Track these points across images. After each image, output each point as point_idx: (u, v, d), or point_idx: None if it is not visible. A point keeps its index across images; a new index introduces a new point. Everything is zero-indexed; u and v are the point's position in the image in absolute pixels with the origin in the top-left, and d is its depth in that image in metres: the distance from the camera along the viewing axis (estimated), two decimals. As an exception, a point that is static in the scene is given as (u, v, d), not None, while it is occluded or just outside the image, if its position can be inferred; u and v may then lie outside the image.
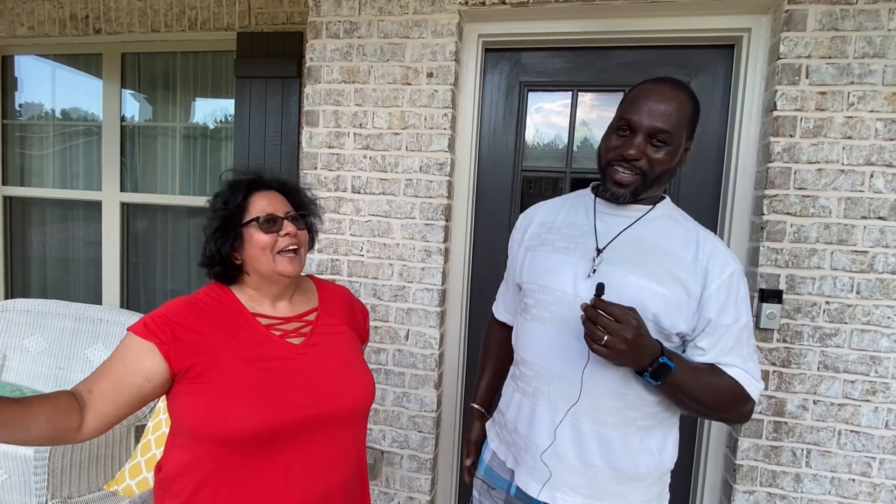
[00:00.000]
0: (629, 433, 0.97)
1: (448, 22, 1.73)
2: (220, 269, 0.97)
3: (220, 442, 0.86)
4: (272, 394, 0.89)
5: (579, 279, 0.99)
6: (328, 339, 1.02)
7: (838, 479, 1.56)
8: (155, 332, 0.87)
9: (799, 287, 1.56)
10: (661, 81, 0.98)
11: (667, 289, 0.93)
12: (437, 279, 1.80)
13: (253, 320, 0.96)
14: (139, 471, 1.80)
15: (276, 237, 0.94)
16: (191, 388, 0.88)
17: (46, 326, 2.51)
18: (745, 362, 0.95)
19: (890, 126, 1.49)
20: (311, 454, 0.92)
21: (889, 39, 1.48)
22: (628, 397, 0.96)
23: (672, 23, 1.68)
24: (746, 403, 0.96)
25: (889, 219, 1.50)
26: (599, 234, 1.02)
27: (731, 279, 0.94)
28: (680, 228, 1.01)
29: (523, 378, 1.08)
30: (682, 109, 0.95)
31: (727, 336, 0.95)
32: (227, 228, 0.94)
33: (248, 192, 0.97)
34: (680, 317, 0.94)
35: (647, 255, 0.97)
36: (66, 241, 2.86)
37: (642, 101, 0.95)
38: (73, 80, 2.79)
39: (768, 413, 1.59)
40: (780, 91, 1.53)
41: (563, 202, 1.15)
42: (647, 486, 1.00)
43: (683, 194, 1.77)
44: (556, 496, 0.99)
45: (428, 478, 1.86)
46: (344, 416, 0.96)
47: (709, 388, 0.93)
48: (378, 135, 1.81)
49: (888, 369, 1.52)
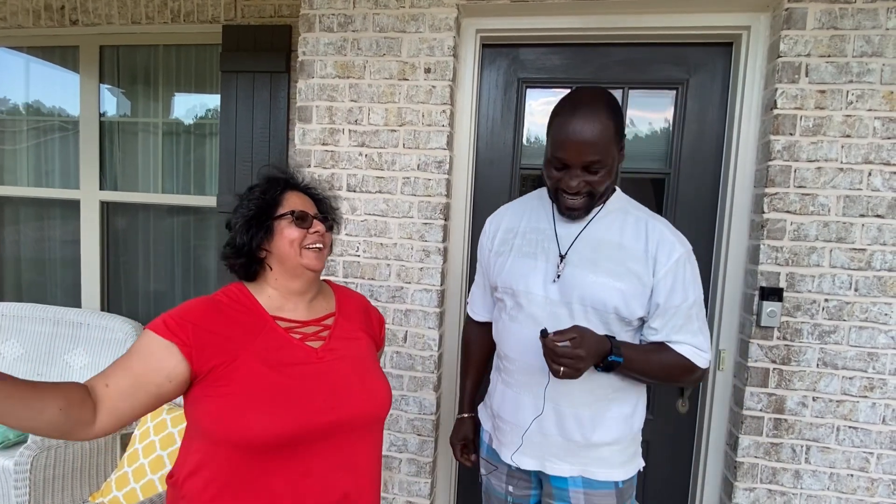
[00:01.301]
0: (602, 407, 1.11)
1: (446, 16, 1.69)
2: (244, 261, 0.97)
3: (240, 447, 0.85)
4: (293, 398, 0.88)
5: (548, 282, 1.11)
6: (346, 345, 1.00)
7: (837, 474, 1.58)
8: (176, 332, 0.86)
9: (799, 285, 1.56)
10: (578, 105, 1.03)
11: (623, 283, 1.06)
12: (435, 279, 1.76)
13: (273, 323, 0.95)
14: (126, 481, 1.72)
15: (306, 233, 0.97)
16: (211, 391, 0.86)
17: (22, 331, 2.40)
18: (693, 336, 1.08)
19: (888, 125, 1.50)
20: (330, 459, 0.91)
21: (887, 38, 1.49)
22: (598, 379, 1.09)
23: (671, 20, 1.67)
24: (695, 372, 1.10)
25: (887, 217, 1.51)
26: (560, 238, 1.13)
27: (676, 264, 1.06)
28: (630, 220, 1.11)
29: (506, 371, 1.20)
30: (606, 131, 1.01)
31: (677, 316, 1.07)
32: (262, 220, 0.96)
33: (284, 189, 1.00)
34: (637, 305, 1.06)
35: (603, 253, 1.08)
36: (42, 241, 2.74)
37: (569, 138, 1.01)
38: (49, 75, 2.67)
39: (769, 410, 1.60)
40: (781, 89, 1.53)
41: (524, 205, 1.25)
42: (622, 448, 1.14)
43: (682, 192, 1.77)
44: (545, 465, 1.14)
45: (427, 482, 1.82)
46: (362, 421, 0.95)
47: (658, 366, 1.08)
48: (374, 131, 1.76)
49: (885, 366, 1.54)
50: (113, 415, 0.82)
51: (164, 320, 0.88)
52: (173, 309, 0.90)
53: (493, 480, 1.27)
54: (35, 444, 1.67)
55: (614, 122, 1.03)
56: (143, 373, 0.84)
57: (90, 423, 0.80)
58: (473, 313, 1.38)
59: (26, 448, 1.67)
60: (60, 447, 1.76)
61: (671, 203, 1.78)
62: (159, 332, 0.86)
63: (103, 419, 0.81)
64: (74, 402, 0.76)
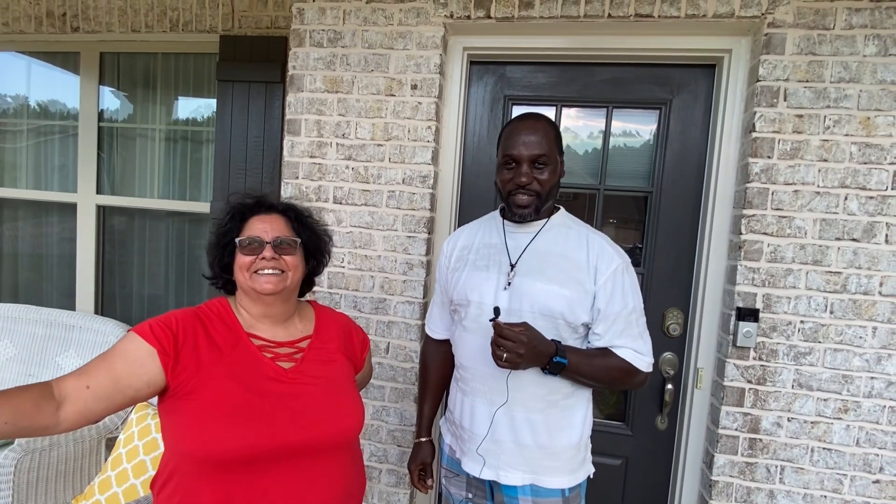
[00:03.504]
0: (553, 414, 1.17)
1: (433, 34, 1.72)
2: (219, 281, 1.06)
3: (200, 460, 0.86)
4: (255, 417, 0.89)
5: (499, 291, 1.18)
6: (319, 367, 1.02)
7: (811, 495, 1.59)
8: (160, 339, 0.89)
9: (775, 306, 1.58)
10: (524, 118, 1.21)
11: (567, 290, 1.14)
12: (418, 292, 1.79)
13: (247, 339, 0.98)
14: (109, 485, 1.75)
15: (255, 259, 0.99)
16: (179, 403, 0.88)
17: (16, 332, 2.43)
18: (634, 341, 1.16)
19: (864, 150, 1.52)
20: (290, 480, 0.91)
21: (864, 65, 1.51)
22: (550, 384, 1.15)
23: (654, 41, 1.70)
24: (637, 375, 1.17)
25: (862, 241, 1.53)
26: (511, 250, 1.22)
27: (615, 273, 1.14)
28: (573, 234, 1.20)
29: (463, 380, 1.27)
30: (548, 134, 1.17)
31: (618, 322, 1.14)
32: (221, 245, 1.03)
33: (247, 216, 1.04)
34: (581, 310, 1.14)
35: (549, 263, 1.17)
36: (38, 243, 2.78)
37: (516, 138, 1.17)
38: (49, 77, 2.72)
39: (744, 430, 1.61)
40: (759, 113, 1.56)
41: (478, 226, 1.34)
42: (572, 455, 1.20)
43: (664, 211, 1.79)
44: (499, 474, 1.18)
45: (406, 492, 1.84)
46: (329, 443, 0.97)
47: (602, 369, 1.15)
48: (361, 145, 1.80)
49: (860, 388, 1.55)
50: (82, 415, 0.83)
51: (151, 326, 0.90)
52: (159, 316, 0.93)
53: (453, 489, 1.33)
54: (20, 446, 1.70)
55: (554, 130, 1.20)
56: (124, 376, 0.86)
57: (48, 427, 0.80)
58: (432, 331, 1.43)
59: (11, 451, 1.69)
60: (45, 450, 1.78)
61: (653, 221, 1.80)
62: (145, 336, 0.88)
63: (70, 419, 0.81)
64: (25, 413, 0.77)
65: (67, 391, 0.82)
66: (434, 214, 1.83)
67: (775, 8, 1.54)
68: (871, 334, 1.54)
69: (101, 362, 0.87)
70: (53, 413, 0.80)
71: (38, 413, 0.78)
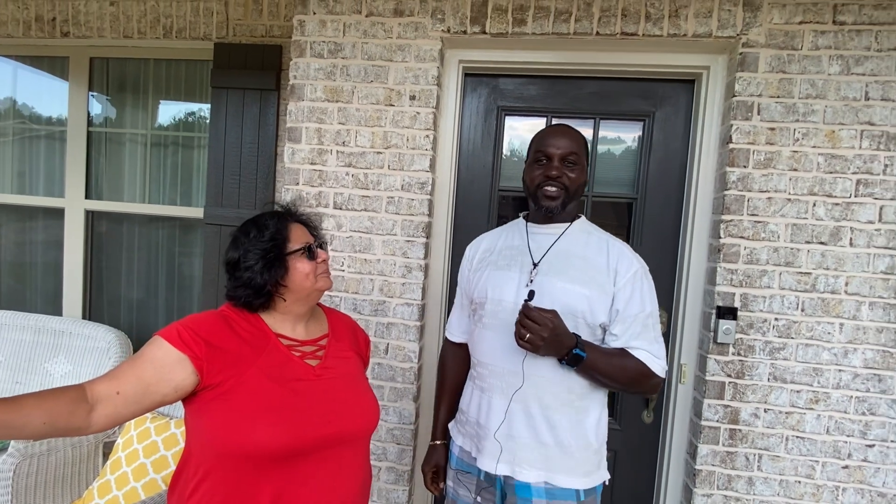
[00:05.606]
0: (570, 414, 1.19)
1: (431, 48, 1.80)
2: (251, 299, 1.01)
3: (245, 457, 0.90)
4: (295, 412, 0.95)
5: (520, 289, 1.21)
6: (339, 363, 1.08)
7: (786, 481, 1.71)
8: (189, 345, 0.91)
9: (752, 305, 1.70)
10: (557, 125, 1.32)
11: (588, 289, 1.17)
12: (416, 294, 1.85)
13: (276, 340, 1.02)
14: (108, 489, 1.75)
15: (316, 264, 1.05)
16: (217, 403, 0.91)
17: (3, 339, 2.40)
18: (650, 345, 1.18)
19: (830, 160, 1.65)
20: (325, 470, 0.98)
21: (829, 83, 1.65)
22: (566, 382, 1.18)
23: (638, 58, 1.81)
24: (652, 378, 1.19)
25: (829, 244, 1.66)
26: (533, 251, 1.26)
27: (635, 276, 1.18)
28: (594, 239, 1.25)
29: (480, 377, 1.28)
30: (579, 140, 1.26)
31: (635, 324, 1.18)
32: (278, 259, 1.01)
33: (287, 224, 1.06)
34: (600, 310, 1.17)
35: (570, 264, 1.20)
36: (24, 248, 2.74)
37: (550, 138, 1.24)
38: (36, 81, 2.69)
39: (724, 421, 1.72)
40: (735, 126, 1.68)
41: (501, 231, 1.39)
42: (587, 457, 1.21)
43: (648, 216, 1.90)
44: (515, 470, 1.19)
45: (405, 489, 1.89)
46: (354, 435, 1.03)
47: (619, 368, 1.17)
48: (361, 153, 1.86)
49: (829, 380, 1.68)
50: (112, 419, 0.86)
51: (179, 332, 0.92)
52: (185, 319, 0.95)
53: (462, 490, 1.32)
54: (18, 451, 1.69)
55: (584, 139, 1.28)
56: (154, 382, 0.89)
57: (80, 428, 0.83)
58: (451, 335, 1.46)
59: (9, 456, 1.69)
60: (43, 455, 1.78)
61: (638, 225, 1.91)
62: (173, 342, 0.90)
63: (100, 422, 0.84)
64: (61, 414, 0.80)
65: (100, 395, 0.85)
66: (432, 219, 1.90)
67: (749, 29, 1.67)
68: (839, 330, 1.67)
69: (130, 368, 0.89)
70: (86, 416, 0.83)
71: (73, 415, 0.81)
